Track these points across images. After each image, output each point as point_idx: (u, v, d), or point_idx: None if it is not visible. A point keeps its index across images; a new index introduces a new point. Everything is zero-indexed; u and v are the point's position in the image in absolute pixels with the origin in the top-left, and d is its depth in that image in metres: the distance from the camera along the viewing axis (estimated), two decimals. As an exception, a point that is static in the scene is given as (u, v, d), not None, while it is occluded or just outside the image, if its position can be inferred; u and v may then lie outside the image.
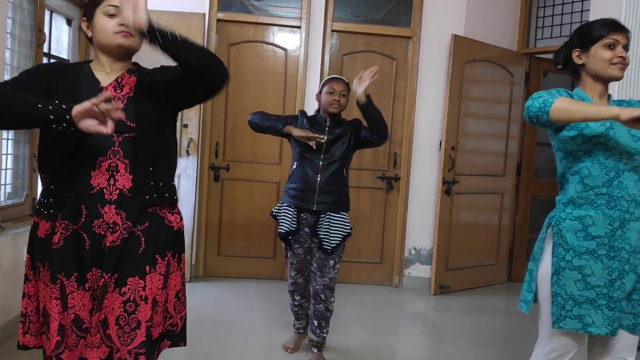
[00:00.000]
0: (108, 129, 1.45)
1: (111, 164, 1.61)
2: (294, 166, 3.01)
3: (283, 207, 3.01)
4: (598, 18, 2.00)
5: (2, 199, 3.20)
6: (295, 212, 2.95)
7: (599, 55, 1.90)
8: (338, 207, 2.94)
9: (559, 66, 2.08)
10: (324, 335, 3.05)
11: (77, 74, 1.69)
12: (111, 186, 1.61)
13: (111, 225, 1.61)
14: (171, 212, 1.74)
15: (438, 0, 4.64)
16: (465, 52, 4.52)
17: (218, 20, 4.53)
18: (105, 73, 1.70)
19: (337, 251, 2.92)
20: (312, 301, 3.01)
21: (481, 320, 4.00)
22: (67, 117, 1.45)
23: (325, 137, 2.91)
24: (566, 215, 1.89)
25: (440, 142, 4.58)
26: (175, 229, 1.74)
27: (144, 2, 1.45)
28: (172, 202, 1.74)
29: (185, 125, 4.35)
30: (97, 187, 1.60)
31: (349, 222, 2.98)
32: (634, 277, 1.84)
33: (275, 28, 4.64)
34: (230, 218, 4.69)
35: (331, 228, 2.91)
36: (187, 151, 4.36)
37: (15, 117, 1.52)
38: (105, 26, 1.65)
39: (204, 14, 4.37)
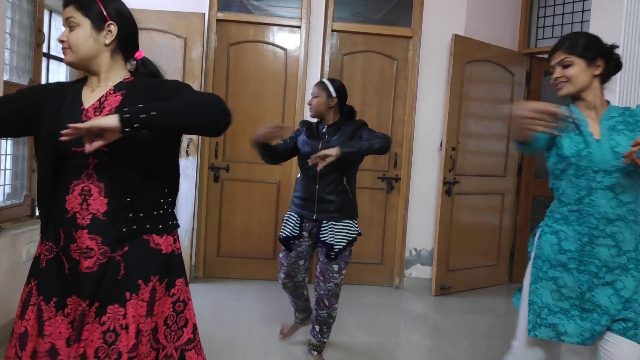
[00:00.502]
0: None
1: (84, 188, 1.53)
2: (299, 175, 3.00)
3: (288, 213, 3.01)
4: (599, 17, 1.99)
5: (1, 199, 3.20)
6: (298, 219, 2.93)
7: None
8: (339, 215, 2.86)
9: None
10: (324, 340, 3.01)
11: (65, 94, 1.62)
12: (84, 210, 1.52)
13: (85, 250, 1.52)
14: (159, 235, 1.59)
15: (438, 0, 4.63)
16: (465, 52, 4.51)
17: (218, 20, 4.52)
18: (91, 90, 1.62)
19: (341, 256, 2.86)
20: (315, 307, 2.95)
21: (482, 321, 3.98)
22: None
23: (284, 124, 2.91)
24: (547, 228, 1.99)
25: (441, 143, 4.57)
26: (163, 252, 1.60)
27: (95, 123, 1.35)
28: (160, 232, 1.60)
29: (185, 126, 4.33)
30: (71, 211, 1.53)
31: (355, 228, 2.91)
32: (611, 291, 1.87)
33: (275, 28, 4.63)
34: (230, 219, 4.68)
35: (335, 234, 2.84)
36: (187, 152, 4.35)
37: None
38: None
39: (204, 14, 4.37)
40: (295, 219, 2.94)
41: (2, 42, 2.95)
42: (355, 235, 2.89)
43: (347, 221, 2.88)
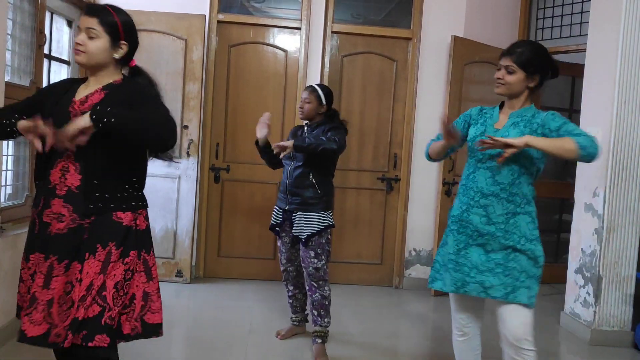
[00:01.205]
0: (38, 146, 1.73)
1: (64, 165, 1.84)
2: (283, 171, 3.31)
3: (275, 205, 3.34)
4: (597, 19, 2.08)
5: (3, 200, 3.21)
6: (280, 210, 3.26)
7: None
8: (306, 207, 3.12)
9: None
10: (325, 325, 3.15)
11: (66, 88, 1.94)
12: (62, 183, 1.83)
13: (57, 215, 1.82)
14: (122, 212, 1.88)
15: (438, 2, 4.65)
16: (465, 53, 4.52)
17: (218, 21, 4.53)
18: (85, 87, 1.93)
19: (315, 243, 3.09)
20: (308, 294, 3.17)
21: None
22: (15, 129, 1.78)
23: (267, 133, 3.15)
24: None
25: (441, 143, 4.57)
26: (123, 224, 1.87)
27: (74, 127, 1.69)
28: (124, 210, 1.89)
29: (186, 127, 4.35)
30: (52, 183, 1.84)
31: (325, 219, 3.13)
32: (481, 250, 2.28)
33: (276, 29, 4.65)
34: (231, 219, 4.69)
35: (303, 223, 3.11)
36: (188, 152, 4.36)
37: None
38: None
39: (205, 16, 4.38)
40: (277, 209, 3.28)
41: (4, 44, 2.97)
42: (325, 225, 3.12)
43: (315, 213, 3.12)
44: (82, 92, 1.91)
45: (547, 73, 2.38)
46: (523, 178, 2.28)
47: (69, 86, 1.96)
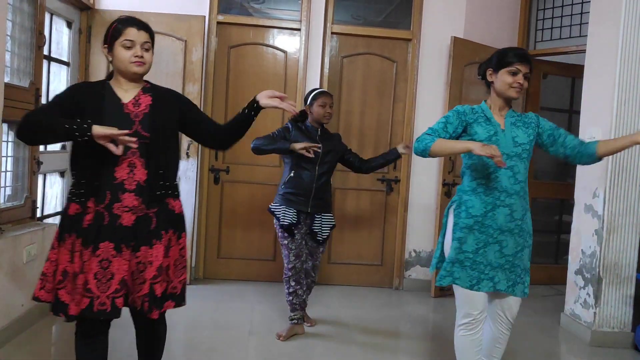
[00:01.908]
0: (118, 151, 1.97)
1: (130, 162, 2.07)
2: (291, 174, 3.40)
3: (282, 207, 3.40)
4: (597, 20, 2.08)
5: (2, 201, 3.20)
6: (295, 212, 3.38)
7: (502, 78, 2.43)
8: (326, 208, 3.50)
9: (479, 77, 2.58)
10: (307, 299, 3.57)
11: (100, 91, 2.12)
12: (130, 178, 2.07)
13: (131, 208, 2.07)
14: (174, 199, 2.21)
15: (438, 3, 4.65)
16: (465, 54, 4.52)
17: (218, 22, 4.53)
18: (125, 91, 2.15)
19: (326, 241, 3.54)
20: (313, 280, 3.57)
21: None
22: (88, 133, 1.94)
23: (321, 146, 3.36)
24: (460, 200, 2.46)
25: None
26: (176, 212, 2.21)
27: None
28: (175, 197, 2.23)
29: (185, 128, 4.35)
30: (119, 179, 2.06)
31: (333, 218, 3.57)
32: (497, 247, 2.39)
33: (275, 30, 4.64)
34: (230, 220, 4.69)
35: (323, 222, 3.46)
36: (187, 153, 4.36)
37: (48, 137, 2.12)
38: (123, 57, 2.10)
39: (204, 17, 4.38)
40: (292, 211, 3.37)
41: (3, 45, 2.97)
42: (334, 224, 3.56)
43: (329, 214, 3.52)
44: (125, 96, 2.14)
45: None
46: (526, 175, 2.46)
47: (99, 90, 2.14)
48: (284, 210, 3.36)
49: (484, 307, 2.47)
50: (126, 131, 1.97)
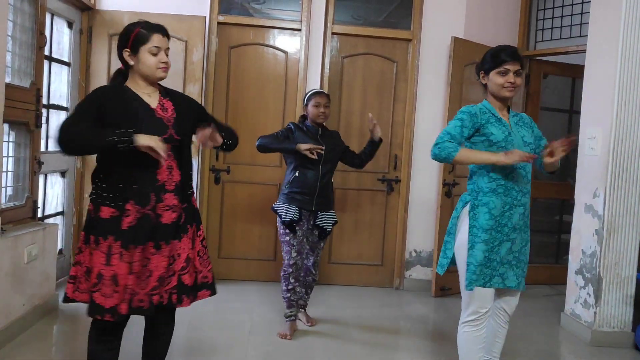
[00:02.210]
0: (164, 160, 2.09)
1: (169, 164, 2.20)
2: (296, 174, 3.46)
3: (284, 205, 3.46)
4: (597, 20, 2.10)
5: (3, 201, 3.21)
6: (297, 209, 3.44)
7: (494, 80, 2.47)
8: (330, 206, 3.58)
9: (477, 79, 2.60)
10: (308, 299, 3.73)
11: (123, 96, 2.19)
12: (170, 180, 2.21)
13: (172, 207, 2.21)
14: (193, 195, 2.38)
15: (438, 3, 4.65)
16: (465, 54, 4.52)
17: (219, 23, 4.54)
18: (148, 95, 2.23)
19: (328, 236, 3.62)
20: (302, 275, 3.57)
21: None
22: (132, 145, 2.02)
23: (324, 147, 3.42)
24: (477, 202, 2.46)
25: (441, 145, 4.57)
26: (195, 207, 2.38)
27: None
28: (193, 193, 2.40)
29: (186, 128, 4.35)
30: (161, 181, 2.19)
31: (335, 214, 3.64)
32: (509, 244, 2.46)
33: (276, 31, 4.65)
34: (231, 220, 4.69)
35: (326, 217, 3.54)
36: (188, 154, 4.36)
37: (91, 149, 2.18)
38: (150, 62, 2.18)
39: (205, 17, 4.39)
40: (294, 209, 3.43)
41: (4, 45, 2.97)
42: (336, 219, 3.62)
43: (332, 210, 3.61)
44: (150, 100, 2.23)
45: None
46: None
47: (124, 95, 2.20)
48: (287, 208, 3.43)
49: (492, 303, 2.52)
50: (166, 145, 2.08)
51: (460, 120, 2.43)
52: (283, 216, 3.41)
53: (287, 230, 3.43)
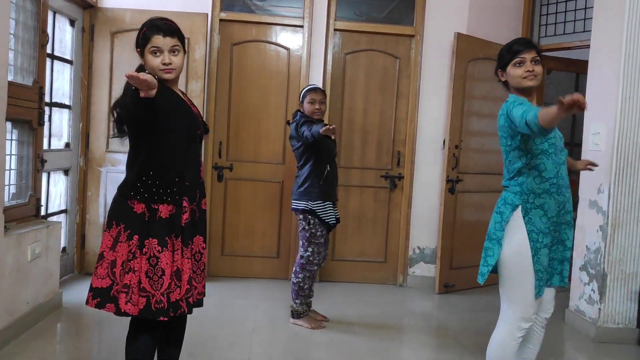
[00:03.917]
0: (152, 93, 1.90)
1: (198, 160, 2.27)
2: (328, 168, 3.46)
3: (322, 204, 3.46)
4: (601, 14, 2.07)
5: (7, 199, 3.21)
6: (331, 204, 3.52)
7: (512, 74, 2.38)
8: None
9: (498, 82, 2.52)
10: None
11: (167, 96, 2.11)
12: (200, 178, 2.27)
13: (204, 202, 2.29)
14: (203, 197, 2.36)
15: (441, -1, 4.64)
16: (468, 50, 4.50)
17: (221, 20, 4.53)
18: (180, 95, 2.25)
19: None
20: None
21: (486, 319, 3.97)
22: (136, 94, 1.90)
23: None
24: (530, 205, 2.30)
25: (444, 141, 4.57)
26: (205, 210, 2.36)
27: None
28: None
29: (189, 125, 4.35)
30: (203, 178, 2.29)
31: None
32: (561, 242, 2.40)
33: (278, 27, 4.64)
34: (234, 218, 4.69)
35: (337, 211, 3.62)
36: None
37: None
38: (152, 64, 2.12)
39: (207, 14, 4.38)
40: (329, 206, 3.50)
41: (6, 43, 2.97)
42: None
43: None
44: (181, 96, 2.25)
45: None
46: None
47: (167, 94, 2.14)
48: (325, 207, 3.47)
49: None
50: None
51: (520, 104, 2.23)
52: (327, 219, 3.47)
53: (325, 231, 3.51)
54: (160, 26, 2.14)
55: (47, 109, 3.80)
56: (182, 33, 2.19)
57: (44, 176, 3.84)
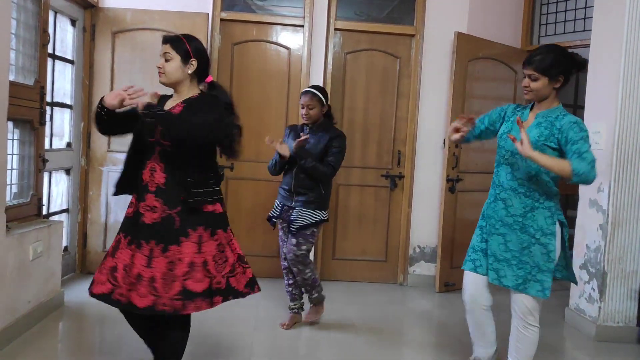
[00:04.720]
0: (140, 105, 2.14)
1: (152, 166, 2.28)
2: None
3: (276, 201, 3.58)
4: (601, 14, 2.18)
5: (8, 199, 3.22)
6: (279, 205, 3.52)
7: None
8: (308, 205, 3.41)
9: None
10: (314, 295, 3.56)
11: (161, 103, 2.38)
12: (152, 181, 2.28)
13: (152, 207, 2.26)
14: (211, 204, 2.35)
15: (441, -2, 4.65)
16: (468, 49, 4.51)
17: (221, 20, 4.54)
18: (173, 101, 2.37)
19: (300, 233, 3.41)
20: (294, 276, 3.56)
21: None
22: (101, 104, 2.24)
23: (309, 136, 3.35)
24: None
25: (444, 140, 4.58)
26: (204, 210, 2.31)
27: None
28: (209, 202, 2.36)
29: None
30: (145, 181, 2.29)
31: (317, 215, 3.41)
32: (500, 239, 2.59)
33: (279, 27, 4.65)
34: (235, 217, 4.70)
35: (299, 215, 3.41)
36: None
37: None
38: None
39: (208, 14, 4.39)
40: (277, 204, 3.53)
41: (8, 43, 2.98)
42: (316, 221, 3.40)
43: (311, 210, 3.40)
44: (168, 105, 2.34)
45: (571, 71, 2.51)
46: (542, 176, 2.49)
47: (163, 101, 2.39)
48: (275, 204, 3.57)
49: (481, 290, 2.73)
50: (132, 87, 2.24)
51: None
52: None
53: (270, 225, 3.61)
54: (163, 36, 2.38)
55: (48, 108, 3.81)
56: (181, 43, 2.32)
57: (46, 176, 3.85)
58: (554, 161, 2.34)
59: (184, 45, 2.31)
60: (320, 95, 3.41)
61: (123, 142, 4.38)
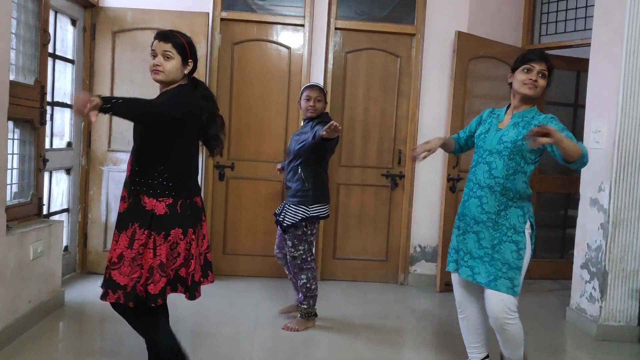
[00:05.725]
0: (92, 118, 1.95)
1: (130, 157, 2.39)
2: (321, 173, 3.51)
3: (324, 206, 3.49)
4: (602, 13, 2.14)
5: (9, 198, 3.22)
6: (283, 202, 3.57)
7: (517, 77, 2.57)
8: (294, 200, 3.39)
9: (508, 83, 2.70)
10: (304, 305, 3.49)
11: None
12: (127, 171, 2.40)
13: (123, 197, 2.40)
14: (148, 197, 2.30)
15: (441, -3, 4.64)
16: (469, 48, 4.51)
17: (222, 19, 4.54)
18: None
19: (292, 234, 3.39)
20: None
21: (487, 316, 3.98)
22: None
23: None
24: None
25: (445, 139, 4.57)
26: (147, 209, 2.29)
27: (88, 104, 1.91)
28: (151, 195, 2.31)
29: (190, 124, 4.36)
30: (126, 172, 2.44)
31: (301, 212, 3.35)
32: (475, 237, 2.61)
33: (279, 27, 4.64)
34: (236, 216, 4.70)
35: (287, 212, 3.40)
36: (192, 150, 4.37)
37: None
38: (150, 64, 2.36)
39: (208, 13, 4.39)
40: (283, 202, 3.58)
41: (8, 42, 2.98)
42: (300, 218, 3.34)
43: (297, 206, 3.36)
44: None
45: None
46: (518, 175, 2.54)
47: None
48: (323, 206, 3.44)
49: (468, 292, 2.78)
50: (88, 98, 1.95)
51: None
52: (322, 215, 3.44)
53: (317, 226, 3.50)
54: (160, 33, 2.39)
55: (48, 108, 3.80)
56: (181, 44, 2.37)
57: (46, 175, 3.85)
58: (570, 141, 2.25)
59: (184, 47, 2.39)
60: (324, 90, 3.56)
61: (123, 142, 4.44)
